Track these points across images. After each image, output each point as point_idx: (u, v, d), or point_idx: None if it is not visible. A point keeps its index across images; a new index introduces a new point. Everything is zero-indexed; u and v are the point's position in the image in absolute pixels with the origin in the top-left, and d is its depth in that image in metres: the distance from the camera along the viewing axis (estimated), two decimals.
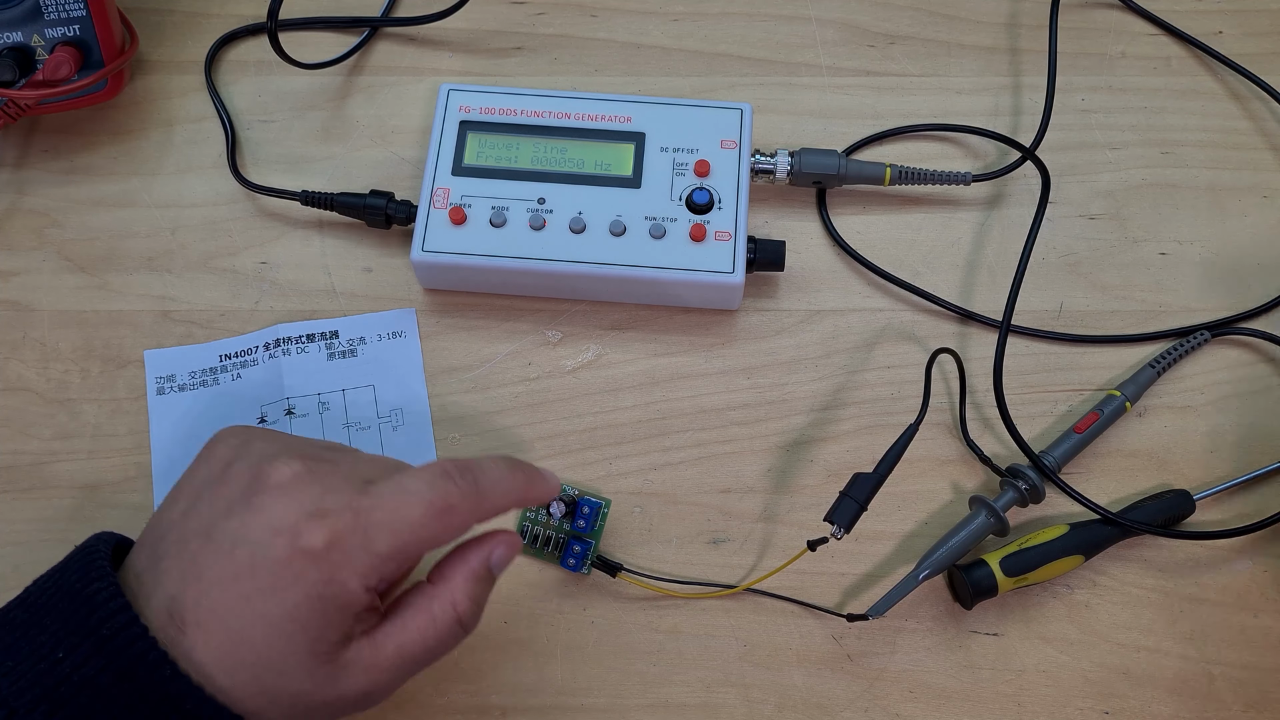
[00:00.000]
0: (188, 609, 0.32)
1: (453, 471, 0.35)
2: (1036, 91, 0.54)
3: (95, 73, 0.49)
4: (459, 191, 0.47)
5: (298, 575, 0.32)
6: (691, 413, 0.47)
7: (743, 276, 0.46)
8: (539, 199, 0.47)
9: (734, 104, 0.50)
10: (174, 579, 0.33)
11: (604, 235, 0.47)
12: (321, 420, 0.46)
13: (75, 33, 0.47)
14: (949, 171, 0.50)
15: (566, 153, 0.48)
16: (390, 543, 0.33)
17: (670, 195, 0.47)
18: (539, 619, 0.44)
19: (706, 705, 0.43)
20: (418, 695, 0.43)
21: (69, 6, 0.47)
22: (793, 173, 0.50)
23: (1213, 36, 0.56)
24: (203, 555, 0.33)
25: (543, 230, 0.47)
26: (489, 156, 0.48)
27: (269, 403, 0.46)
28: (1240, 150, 0.53)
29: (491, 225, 0.47)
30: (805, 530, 0.42)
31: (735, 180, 0.48)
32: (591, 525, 0.44)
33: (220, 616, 0.32)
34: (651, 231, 0.47)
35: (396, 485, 0.34)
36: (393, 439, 0.46)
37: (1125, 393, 0.47)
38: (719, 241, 0.47)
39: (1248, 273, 0.51)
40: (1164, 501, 0.45)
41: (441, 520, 0.34)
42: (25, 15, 0.46)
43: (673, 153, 0.48)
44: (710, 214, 0.47)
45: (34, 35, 0.47)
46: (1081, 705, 0.43)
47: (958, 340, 0.49)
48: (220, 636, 0.32)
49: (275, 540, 0.32)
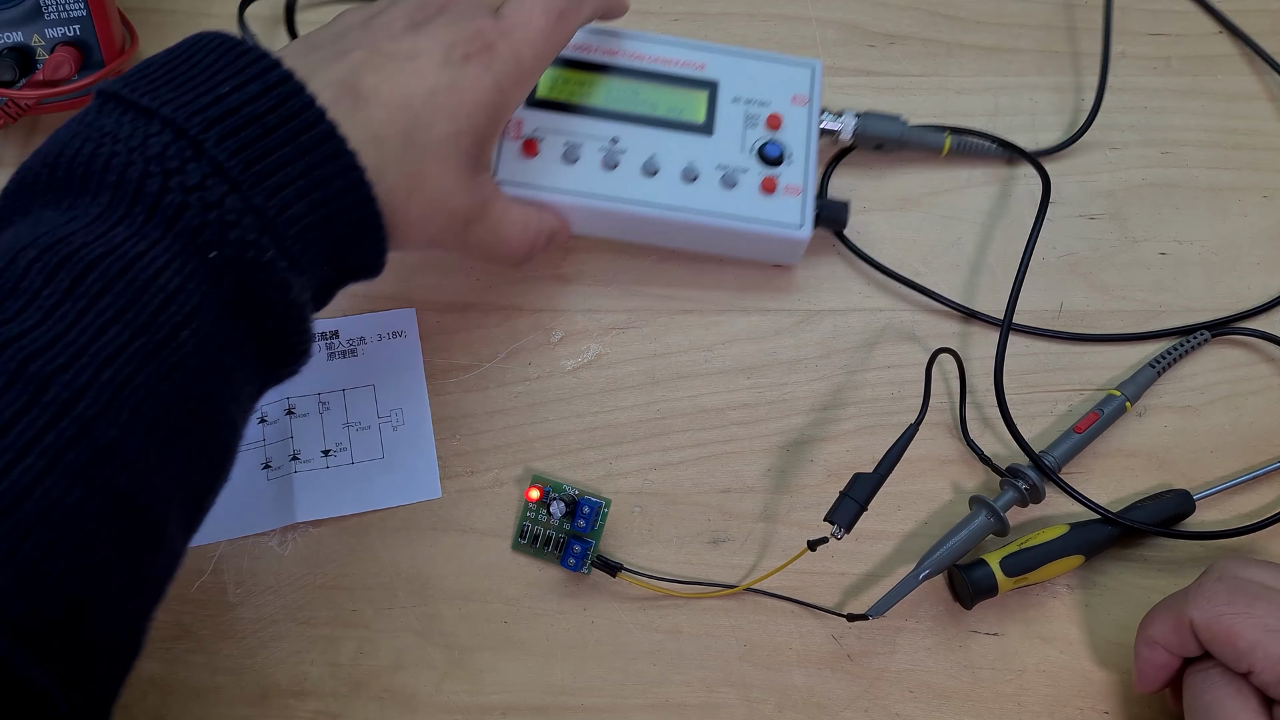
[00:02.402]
0: (365, 82, 0.35)
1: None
2: (1037, 91, 0.54)
3: (95, 73, 0.49)
4: (532, 124, 0.47)
5: (473, 80, 0.37)
6: (691, 413, 0.47)
7: (810, 232, 0.46)
8: (612, 138, 0.47)
9: (805, 60, 0.50)
10: (353, 61, 0.36)
11: (676, 180, 0.47)
12: (321, 420, 0.46)
13: (75, 33, 0.47)
14: (1007, 142, 0.51)
15: (639, 94, 0.48)
16: (531, 53, 0.39)
17: (742, 146, 0.47)
18: (539, 619, 0.44)
19: (706, 705, 0.43)
20: (418, 694, 0.43)
21: (69, 6, 0.46)
22: (857, 133, 0.50)
23: (1213, 36, 0.56)
24: (383, 51, 0.36)
25: (615, 170, 0.46)
26: (563, 91, 0.48)
27: (269, 402, 0.46)
28: (1240, 150, 0.53)
29: (564, 160, 0.46)
30: (805, 530, 0.42)
31: (805, 136, 0.48)
32: (591, 525, 0.44)
33: (400, 99, 0.36)
34: (723, 180, 0.47)
35: (517, 6, 0.40)
36: (393, 439, 0.46)
37: (1125, 393, 0.47)
38: (788, 196, 0.47)
39: (1248, 273, 0.51)
40: (1164, 501, 0.45)
41: (560, 26, 0.40)
42: (25, 15, 0.46)
43: (745, 104, 0.48)
44: (781, 168, 0.47)
45: (34, 35, 0.47)
46: (1081, 705, 0.43)
47: (958, 340, 0.49)
48: (396, 114, 0.35)
49: (451, 52, 0.37)
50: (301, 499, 0.45)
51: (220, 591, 0.44)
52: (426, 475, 0.46)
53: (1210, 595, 0.37)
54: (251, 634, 0.44)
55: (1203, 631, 0.37)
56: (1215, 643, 0.37)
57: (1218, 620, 0.36)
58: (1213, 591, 0.37)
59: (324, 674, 0.43)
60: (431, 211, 0.37)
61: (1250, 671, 0.36)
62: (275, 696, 0.43)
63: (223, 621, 0.44)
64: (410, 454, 0.46)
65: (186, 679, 0.43)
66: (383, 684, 0.43)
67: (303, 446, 0.46)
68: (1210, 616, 0.37)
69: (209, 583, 0.44)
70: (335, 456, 0.46)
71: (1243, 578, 0.38)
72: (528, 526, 0.45)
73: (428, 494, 0.46)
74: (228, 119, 0.31)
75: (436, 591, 0.44)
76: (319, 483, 0.45)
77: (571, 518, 0.44)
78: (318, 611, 0.44)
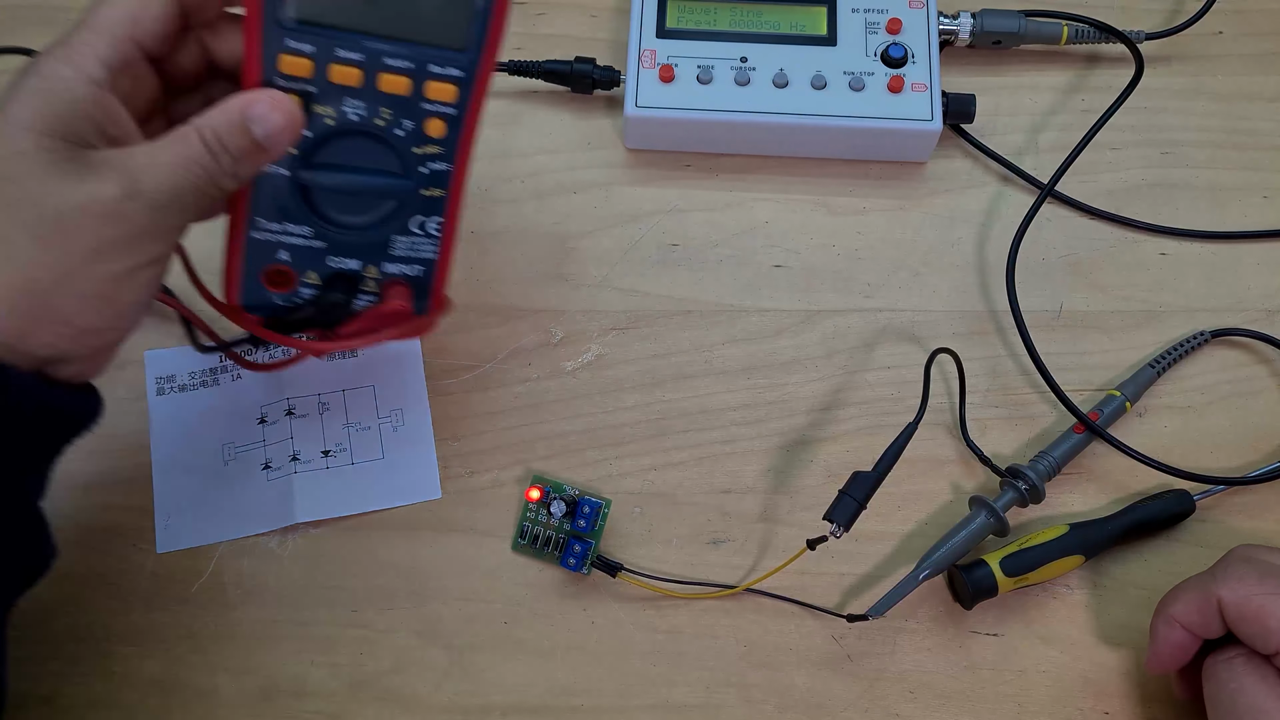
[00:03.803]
0: None
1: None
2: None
3: (413, 321, 0.41)
4: (665, 52, 0.51)
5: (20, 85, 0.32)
6: (692, 413, 0.47)
7: (940, 125, 0.50)
8: (741, 58, 0.51)
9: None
10: None
11: (806, 89, 0.50)
12: (321, 421, 0.46)
13: (416, 273, 0.41)
14: (1121, 30, 0.52)
15: (762, 15, 0.52)
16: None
17: (866, 51, 0.51)
18: (539, 619, 0.44)
19: (706, 705, 0.43)
20: (418, 695, 0.43)
21: (421, 246, 0.40)
22: (975, 33, 0.53)
23: (1213, 37, 0.56)
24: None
25: (747, 86, 0.50)
26: (689, 20, 0.52)
27: (269, 403, 0.46)
28: (1240, 150, 0.53)
29: (699, 82, 0.50)
30: (805, 530, 0.42)
31: (926, 36, 0.51)
32: (591, 525, 0.44)
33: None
34: (851, 84, 0.50)
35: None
36: (393, 439, 0.46)
37: (1125, 393, 0.47)
38: (916, 93, 0.50)
39: (1248, 273, 0.51)
40: (1164, 501, 0.45)
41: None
42: (372, 246, 0.40)
43: (864, 13, 0.52)
44: (905, 68, 0.51)
45: (369, 266, 0.40)
46: (1081, 705, 0.43)
47: (957, 340, 0.49)
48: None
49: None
50: (301, 500, 0.45)
51: (220, 592, 0.44)
52: (426, 476, 0.46)
53: (1241, 576, 0.37)
54: (251, 634, 0.44)
55: (1231, 610, 0.37)
56: (1245, 622, 0.37)
57: (1248, 601, 0.37)
58: (1243, 573, 0.38)
59: (324, 674, 0.43)
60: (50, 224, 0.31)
61: (1277, 653, 0.36)
62: (275, 697, 0.43)
63: (223, 622, 0.44)
64: (410, 455, 0.46)
65: (187, 679, 0.43)
66: (383, 684, 0.43)
67: (302, 447, 0.46)
68: (1241, 597, 0.37)
69: (209, 583, 0.44)
70: (335, 457, 0.46)
71: (1269, 562, 0.38)
72: (528, 527, 0.45)
73: (428, 495, 0.46)
74: None
75: (436, 591, 0.44)
76: (319, 483, 0.45)
77: (572, 518, 0.44)
78: (318, 611, 0.44)
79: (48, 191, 0.31)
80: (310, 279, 0.40)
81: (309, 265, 0.39)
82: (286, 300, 0.40)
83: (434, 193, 0.39)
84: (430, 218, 0.39)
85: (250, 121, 0.34)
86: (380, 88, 0.36)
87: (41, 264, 0.31)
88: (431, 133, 0.37)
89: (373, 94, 0.36)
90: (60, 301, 0.32)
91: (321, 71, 0.36)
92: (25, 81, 0.32)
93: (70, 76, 0.32)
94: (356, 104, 0.36)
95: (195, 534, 0.45)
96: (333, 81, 0.36)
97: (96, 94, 0.33)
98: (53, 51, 0.33)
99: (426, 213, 0.39)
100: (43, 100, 0.32)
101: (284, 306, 0.40)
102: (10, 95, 0.32)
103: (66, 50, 0.33)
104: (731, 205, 0.51)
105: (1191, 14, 0.54)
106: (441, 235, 0.40)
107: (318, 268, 0.40)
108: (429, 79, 0.36)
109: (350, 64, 0.36)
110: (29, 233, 0.31)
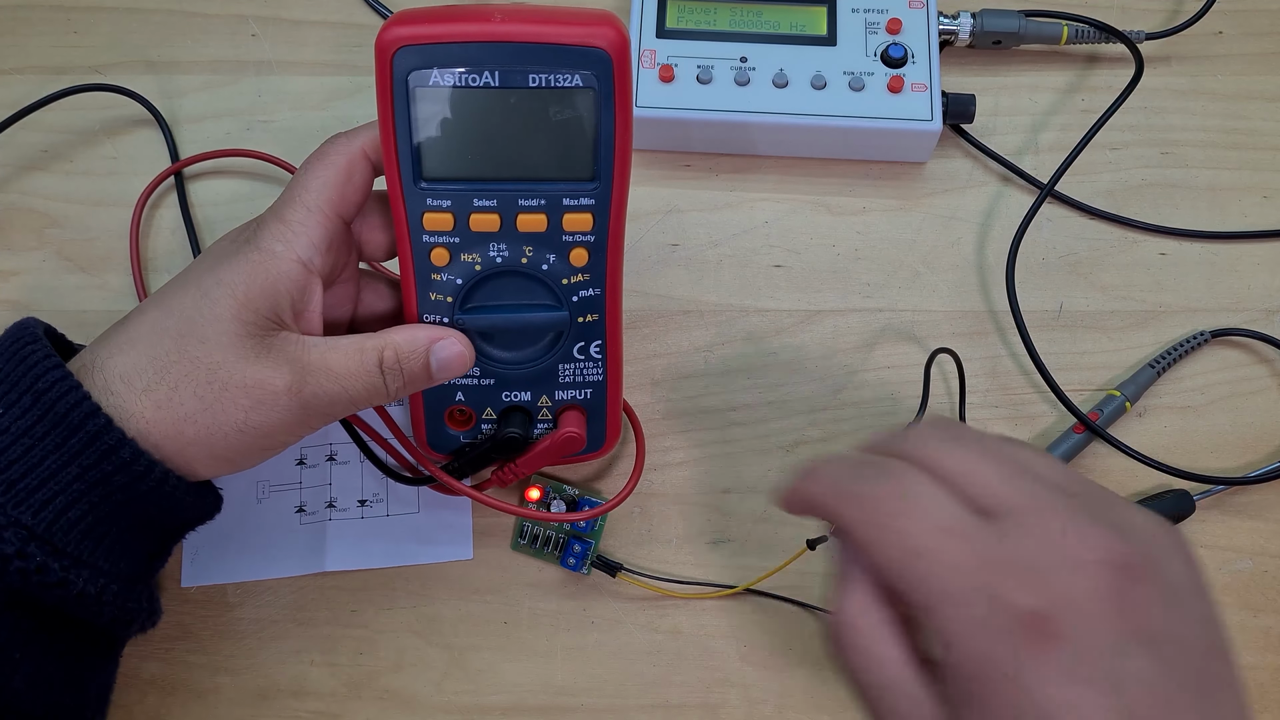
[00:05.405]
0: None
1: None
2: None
3: (590, 451, 0.44)
4: (665, 52, 0.51)
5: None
6: (691, 413, 0.47)
7: (940, 125, 0.49)
8: (741, 58, 0.51)
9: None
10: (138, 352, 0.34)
11: (805, 89, 0.50)
12: (361, 469, 0.46)
13: (585, 397, 0.42)
14: (1121, 30, 0.52)
15: (762, 16, 0.52)
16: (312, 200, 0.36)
17: (865, 51, 0.51)
18: (539, 619, 0.44)
19: (706, 705, 0.43)
20: (417, 695, 0.43)
21: (587, 370, 0.41)
22: (975, 33, 0.53)
23: (1213, 37, 0.56)
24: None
25: (747, 86, 0.50)
26: (689, 20, 0.52)
27: (310, 445, 0.46)
28: (1240, 150, 0.53)
29: (699, 82, 0.50)
30: (805, 530, 0.42)
31: (926, 36, 0.51)
32: (591, 525, 0.44)
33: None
34: (851, 85, 0.50)
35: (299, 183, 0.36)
36: (429, 493, 0.45)
37: (1125, 393, 0.47)
38: (915, 93, 0.50)
39: (1248, 273, 0.51)
40: (1164, 501, 0.45)
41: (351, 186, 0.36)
42: (539, 377, 0.41)
43: (864, 13, 0.52)
44: (905, 68, 0.50)
45: (541, 396, 0.42)
46: None
47: (957, 340, 0.49)
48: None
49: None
50: (333, 548, 0.44)
51: (220, 592, 0.44)
52: (460, 534, 0.45)
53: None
54: (251, 634, 0.44)
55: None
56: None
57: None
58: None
59: (324, 674, 0.43)
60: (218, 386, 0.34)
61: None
62: (275, 696, 0.43)
63: (223, 622, 0.44)
64: (445, 513, 0.45)
65: (186, 679, 0.43)
66: (383, 684, 0.43)
67: (340, 494, 0.45)
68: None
69: (209, 583, 0.44)
70: (371, 507, 0.45)
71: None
72: (528, 526, 0.45)
73: (459, 555, 0.45)
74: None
75: (436, 591, 0.44)
76: (352, 533, 0.45)
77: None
78: (318, 611, 0.44)
79: (224, 362, 0.34)
80: (488, 415, 0.42)
81: (485, 402, 0.41)
82: (470, 437, 0.43)
83: (590, 318, 0.39)
84: (591, 342, 0.40)
85: (433, 354, 0.37)
86: (519, 228, 0.37)
87: (194, 421, 0.34)
88: (576, 262, 0.38)
89: (513, 234, 0.37)
90: (195, 452, 0.34)
91: (463, 222, 0.36)
92: (244, 251, 0.35)
93: (284, 255, 0.35)
94: (499, 246, 0.37)
95: (222, 571, 0.44)
96: (474, 230, 0.37)
97: (304, 277, 0.35)
98: (271, 228, 0.35)
99: (586, 338, 0.40)
100: (255, 273, 0.34)
101: (469, 443, 0.43)
102: (227, 257, 0.35)
103: (284, 229, 0.35)
104: (731, 205, 0.51)
105: (1191, 14, 0.54)
106: (604, 357, 0.41)
107: (493, 403, 0.42)
108: (565, 212, 0.37)
109: (487, 211, 0.36)
110: (196, 392, 0.33)
